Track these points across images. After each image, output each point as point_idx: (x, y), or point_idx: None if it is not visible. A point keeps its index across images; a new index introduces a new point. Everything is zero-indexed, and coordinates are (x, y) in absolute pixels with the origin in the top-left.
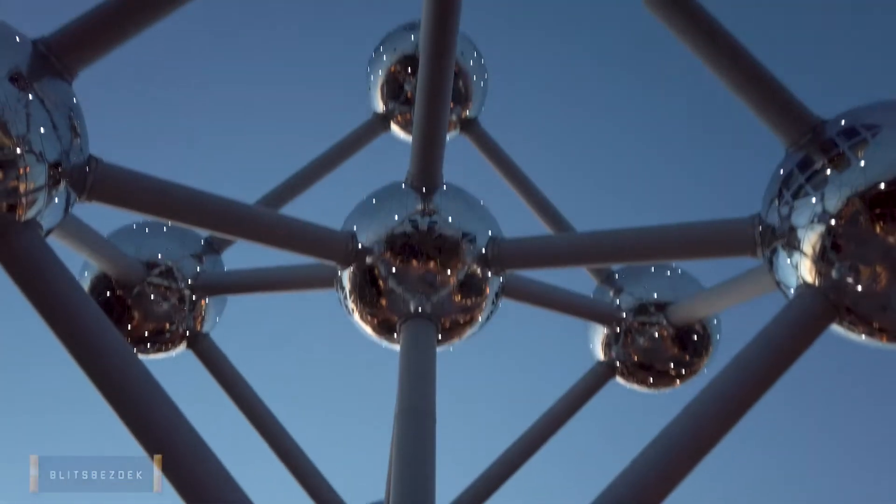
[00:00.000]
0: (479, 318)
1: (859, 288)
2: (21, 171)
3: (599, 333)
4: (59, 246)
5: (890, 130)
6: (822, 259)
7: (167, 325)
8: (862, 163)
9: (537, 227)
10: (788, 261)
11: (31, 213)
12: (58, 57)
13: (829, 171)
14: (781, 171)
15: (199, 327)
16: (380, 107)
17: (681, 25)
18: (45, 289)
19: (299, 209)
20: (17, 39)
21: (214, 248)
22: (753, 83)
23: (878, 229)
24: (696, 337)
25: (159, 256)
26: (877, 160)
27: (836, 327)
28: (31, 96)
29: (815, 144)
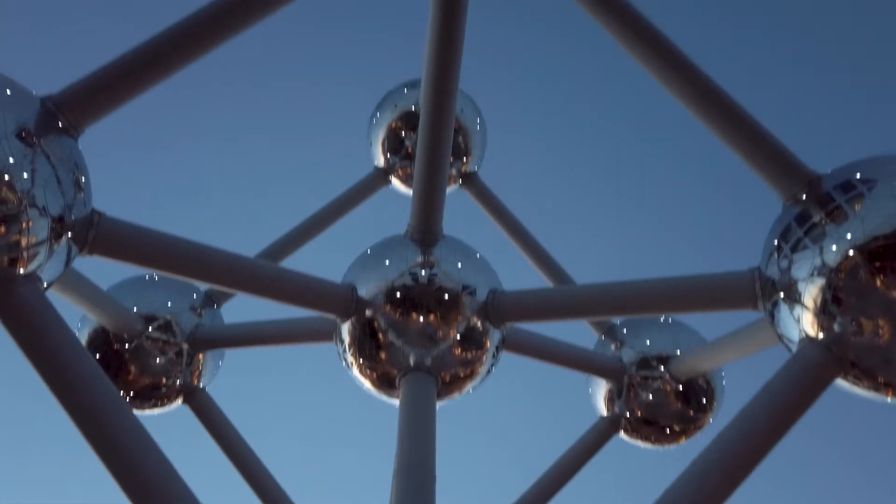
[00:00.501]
0: (480, 372)
1: (862, 341)
2: (24, 225)
3: (602, 388)
4: (58, 299)
5: (885, 185)
6: (823, 312)
7: (164, 380)
8: (859, 216)
9: (537, 279)
10: (790, 314)
11: (31, 267)
12: (65, 114)
13: (827, 225)
14: (779, 225)
15: (195, 382)
16: (380, 161)
17: (675, 83)
18: (42, 343)
19: (300, 262)
20: (26, 97)
21: (214, 301)
22: (749, 139)
23: (878, 283)
24: (699, 391)
25: (158, 309)
26: (874, 214)
27: (841, 382)
28: (37, 152)
29: (812, 198)
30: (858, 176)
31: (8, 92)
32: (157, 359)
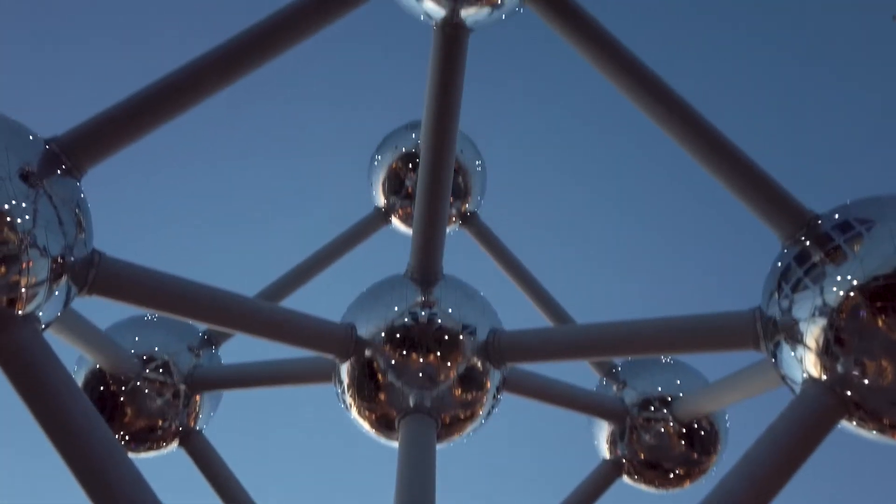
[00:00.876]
0: (480, 414)
1: (866, 382)
2: (24, 265)
3: (604, 430)
4: (56, 339)
5: (883, 225)
6: (826, 353)
7: (160, 422)
8: (859, 256)
9: (538, 320)
10: (792, 354)
11: (30, 308)
12: (68, 155)
13: (826, 265)
14: (779, 265)
15: (192, 424)
16: (381, 201)
17: (673, 125)
18: (37, 385)
19: (300, 302)
20: (30, 138)
21: (212, 341)
22: (746, 179)
23: (880, 323)
24: (703, 433)
25: (156, 350)
26: (873, 254)
27: (846, 424)
28: (39, 193)
29: (811, 238)
30: (857, 216)
31: (12, 133)
32: (154, 400)
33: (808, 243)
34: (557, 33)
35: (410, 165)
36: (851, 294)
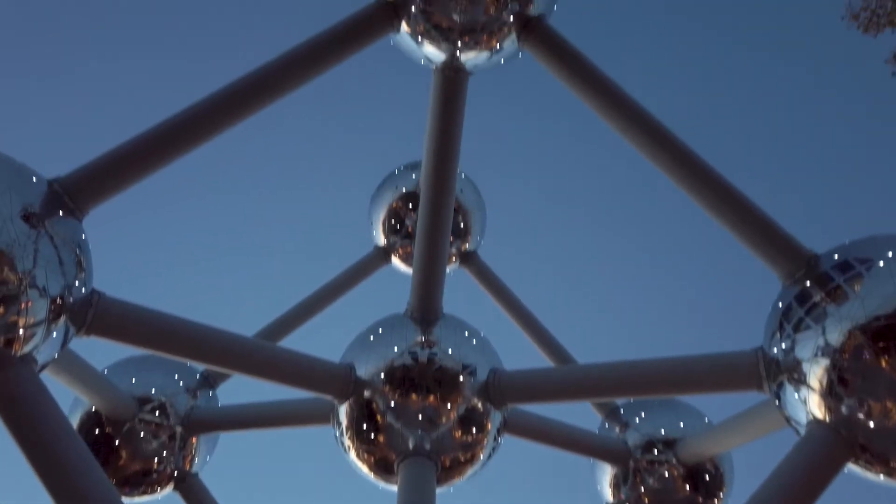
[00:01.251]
0: (481, 456)
1: (871, 424)
2: (23, 305)
3: (607, 472)
4: (51, 379)
5: (883, 264)
6: (830, 394)
7: (155, 465)
8: (859, 296)
9: (539, 359)
10: (796, 395)
11: (27, 349)
12: (71, 196)
13: (827, 305)
14: (780, 304)
15: (187, 467)
16: (381, 240)
17: (673, 167)
18: (32, 427)
19: (301, 341)
20: (34, 179)
21: (210, 381)
22: (746, 221)
23: (883, 363)
24: (708, 476)
25: (153, 391)
26: (874, 293)
27: (852, 467)
28: (41, 233)
29: (811, 278)
30: (856, 256)
31: (16, 174)
32: (150, 443)
33: (808, 283)
34: (557, 77)
35: (411, 205)
36: (853, 334)
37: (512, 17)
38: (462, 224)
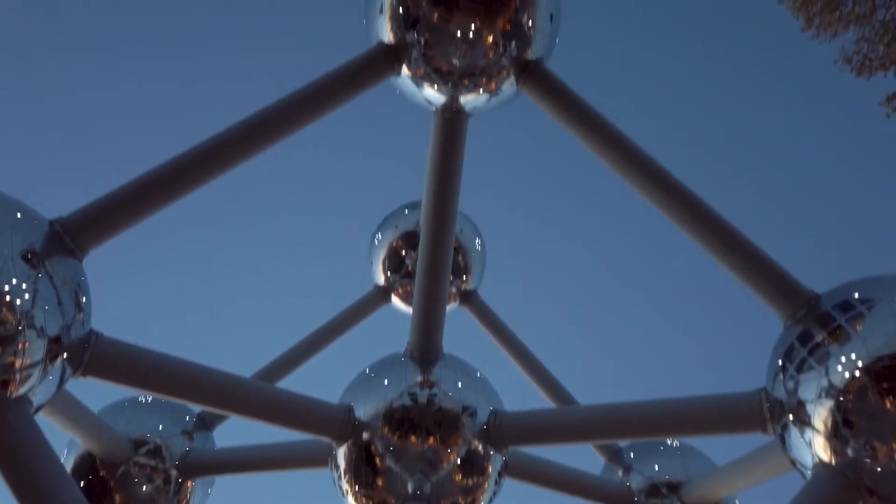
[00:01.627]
0: (482, 500)
1: (878, 467)
2: (20, 346)
3: None
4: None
5: (884, 304)
6: (835, 436)
7: None
8: (861, 336)
9: (540, 400)
10: (801, 438)
11: (22, 390)
12: (72, 236)
13: (830, 345)
14: (782, 345)
15: None
16: (381, 279)
17: (673, 208)
18: (25, 470)
19: (300, 381)
20: (36, 220)
21: (207, 423)
22: (746, 261)
23: (888, 404)
24: None
25: (148, 434)
26: (876, 333)
27: None
28: (40, 273)
29: (813, 318)
30: (857, 295)
31: (18, 215)
32: (144, 486)
33: (809, 323)
34: (555, 120)
35: (410, 245)
36: (857, 375)
37: (510, 60)
38: (462, 263)
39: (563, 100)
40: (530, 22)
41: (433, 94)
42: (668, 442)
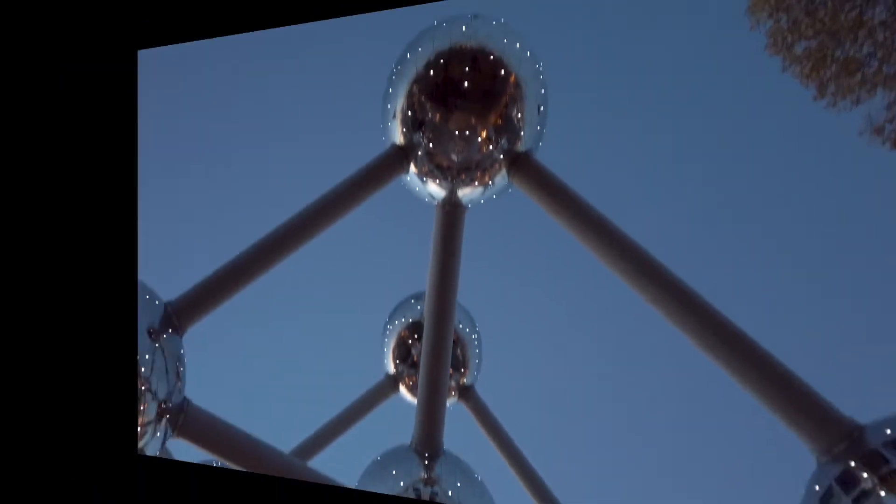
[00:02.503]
0: None
1: None
2: (142, 406)
3: None
4: None
5: None
6: None
7: None
8: None
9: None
10: None
11: (140, 444)
12: (178, 316)
13: (883, 494)
14: (816, 487)
15: None
16: (391, 368)
17: (667, 305)
18: None
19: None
20: (156, 303)
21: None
22: (776, 387)
23: None
24: None
25: None
26: None
27: None
28: (157, 347)
29: (856, 455)
30: None
31: (147, 298)
32: None
33: (853, 462)
34: (544, 210)
35: (416, 335)
36: None
37: (502, 154)
38: (460, 356)
39: (551, 191)
40: (519, 115)
41: (435, 190)
42: None
